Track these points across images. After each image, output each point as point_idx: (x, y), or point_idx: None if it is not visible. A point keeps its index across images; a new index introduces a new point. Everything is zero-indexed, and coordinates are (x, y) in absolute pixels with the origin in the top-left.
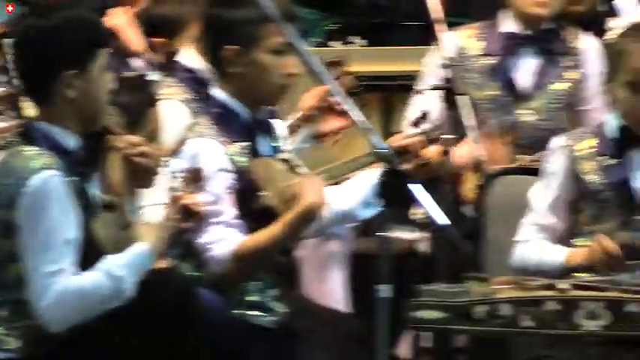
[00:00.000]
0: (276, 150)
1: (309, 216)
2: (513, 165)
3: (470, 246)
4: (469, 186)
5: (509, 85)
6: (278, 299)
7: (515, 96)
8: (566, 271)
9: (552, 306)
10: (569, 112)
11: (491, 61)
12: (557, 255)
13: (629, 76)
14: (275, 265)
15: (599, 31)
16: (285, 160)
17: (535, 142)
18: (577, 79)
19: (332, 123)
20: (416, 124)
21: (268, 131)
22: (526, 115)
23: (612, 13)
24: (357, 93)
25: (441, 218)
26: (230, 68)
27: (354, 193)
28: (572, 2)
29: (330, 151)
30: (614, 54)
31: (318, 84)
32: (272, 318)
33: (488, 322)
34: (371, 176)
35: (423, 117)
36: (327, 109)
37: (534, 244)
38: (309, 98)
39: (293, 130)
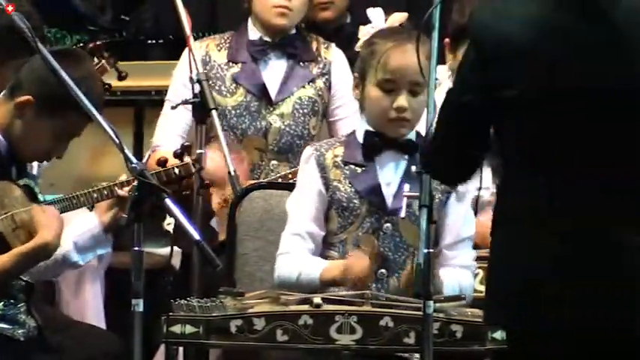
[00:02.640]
0: (21, 172)
1: (43, 252)
2: (264, 181)
3: (222, 261)
4: (217, 200)
5: (257, 91)
6: (29, 312)
7: (264, 101)
8: (323, 286)
9: (307, 320)
10: (326, 123)
11: (236, 68)
12: (314, 269)
13: (380, 75)
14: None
15: (344, 40)
16: (26, 187)
17: (283, 147)
18: (322, 87)
19: None
20: (179, 156)
21: (23, 165)
22: (275, 120)
23: (364, 21)
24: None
25: (194, 233)
26: None
27: (70, 238)
28: (321, 9)
29: (82, 164)
30: (366, 55)
31: None
32: (23, 331)
33: (244, 336)
34: (88, 222)
35: (185, 149)
36: None
37: (294, 257)
38: None
39: None
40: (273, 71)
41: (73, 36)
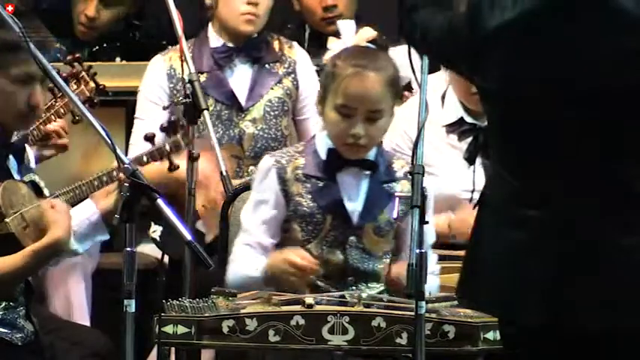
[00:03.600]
0: (25, 173)
1: (56, 249)
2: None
3: (213, 261)
4: (200, 203)
5: (226, 99)
6: (27, 317)
7: (234, 108)
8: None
9: (299, 321)
10: (293, 122)
11: (202, 78)
12: (257, 269)
13: (339, 100)
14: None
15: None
16: (31, 182)
17: (259, 152)
18: (290, 86)
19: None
20: (166, 130)
21: (20, 155)
22: (247, 126)
23: (335, 33)
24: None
25: (186, 233)
26: None
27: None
28: (329, 23)
29: (74, 165)
30: (328, 75)
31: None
32: (20, 335)
33: (236, 336)
34: (86, 210)
35: (172, 124)
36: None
37: (242, 261)
38: None
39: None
40: (240, 77)
41: (85, 46)
